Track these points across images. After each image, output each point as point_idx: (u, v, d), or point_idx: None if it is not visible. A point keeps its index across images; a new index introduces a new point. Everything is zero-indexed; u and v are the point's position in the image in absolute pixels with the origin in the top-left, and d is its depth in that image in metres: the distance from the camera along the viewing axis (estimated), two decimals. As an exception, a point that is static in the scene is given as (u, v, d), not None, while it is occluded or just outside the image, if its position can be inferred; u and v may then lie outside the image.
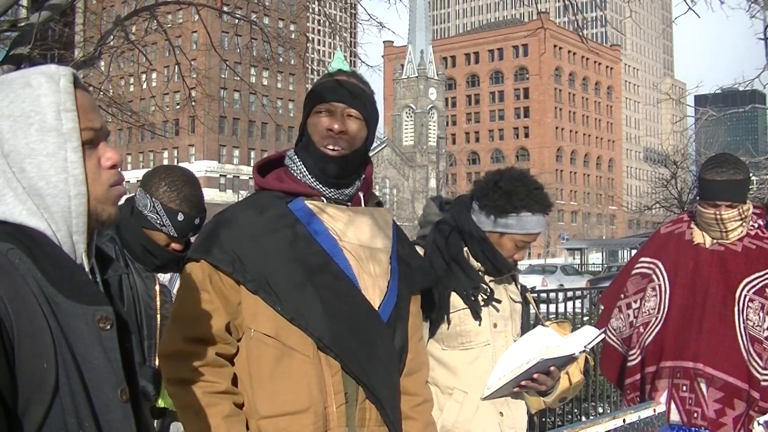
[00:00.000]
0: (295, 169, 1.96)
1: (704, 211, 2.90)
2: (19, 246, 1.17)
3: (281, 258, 1.84)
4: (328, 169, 1.91)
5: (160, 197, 2.55)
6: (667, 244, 3.09)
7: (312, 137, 1.93)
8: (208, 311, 1.83)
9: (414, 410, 2.01)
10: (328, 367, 1.82)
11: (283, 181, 1.96)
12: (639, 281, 3.11)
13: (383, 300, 1.91)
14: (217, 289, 1.84)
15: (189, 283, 1.87)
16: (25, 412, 1.10)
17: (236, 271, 1.82)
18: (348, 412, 1.84)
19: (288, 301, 1.81)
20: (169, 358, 1.87)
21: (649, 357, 2.99)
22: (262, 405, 1.81)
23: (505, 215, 2.40)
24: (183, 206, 2.55)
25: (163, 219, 2.55)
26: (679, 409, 2.90)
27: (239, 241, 1.84)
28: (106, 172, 1.28)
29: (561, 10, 10.16)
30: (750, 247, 2.92)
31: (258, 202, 1.94)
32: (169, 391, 1.87)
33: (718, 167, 2.84)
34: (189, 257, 1.91)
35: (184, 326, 1.84)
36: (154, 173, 2.64)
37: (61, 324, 1.14)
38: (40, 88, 1.23)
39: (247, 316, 1.84)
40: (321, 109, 1.92)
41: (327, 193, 1.93)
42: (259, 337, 1.83)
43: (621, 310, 3.15)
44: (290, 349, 1.81)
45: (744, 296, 2.86)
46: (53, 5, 7.96)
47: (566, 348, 2.36)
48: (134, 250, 2.61)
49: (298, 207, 1.90)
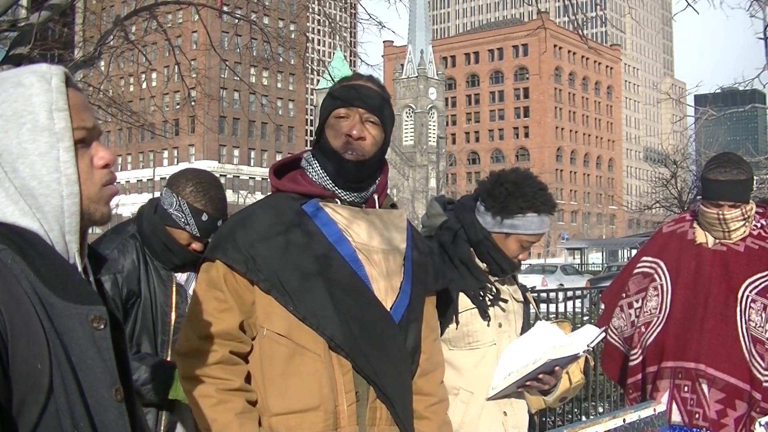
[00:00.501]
0: (312, 171, 1.98)
1: (707, 211, 2.88)
2: (12, 246, 1.16)
3: (294, 258, 1.86)
4: (346, 172, 1.93)
5: (187, 197, 2.63)
6: (669, 243, 3.07)
7: (330, 141, 1.95)
8: (222, 310, 1.86)
9: (428, 410, 2.03)
10: (339, 366, 1.85)
11: (298, 183, 1.98)
12: (641, 280, 3.09)
13: (395, 301, 1.93)
14: (232, 288, 1.87)
15: (205, 283, 1.91)
16: (20, 413, 1.09)
17: (250, 270, 1.85)
18: (359, 411, 1.86)
19: (300, 301, 1.84)
20: (184, 356, 1.91)
21: (650, 357, 2.98)
22: (273, 402, 1.84)
23: (511, 216, 2.41)
24: (208, 207, 2.62)
25: (188, 218, 2.62)
26: (681, 409, 2.89)
27: (253, 241, 1.87)
28: (98, 171, 1.27)
29: (561, 9, 10.17)
30: (753, 247, 2.91)
31: (273, 203, 1.97)
32: (184, 387, 1.90)
33: (721, 167, 2.82)
34: (205, 257, 1.95)
35: (199, 324, 1.87)
36: (182, 174, 2.72)
37: (54, 324, 1.14)
38: (32, 87, 1.23)
39: (260, 315, 1.87)
40: (341, 113, 1.94)
41: (342, 195, 1.96)
42: (271, 336, 1.85)
43: (622, 309, 3.14)
44: (302, 348, 1.84)
45: (746, 297, 2.85)
46: (53, 5, 7.97)
47: (571, 348, 2.37)
48: (155, 248, 2.69)
49: (312, 208, 1.93)
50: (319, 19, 18.26)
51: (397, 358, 1.92)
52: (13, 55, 7.85)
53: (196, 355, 1.86)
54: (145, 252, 2.71)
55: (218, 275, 1.88)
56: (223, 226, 2.06)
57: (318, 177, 1.96)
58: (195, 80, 14.71)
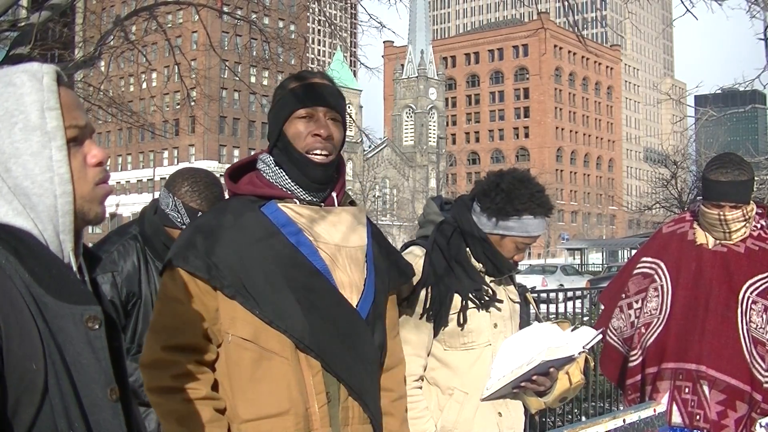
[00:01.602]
0: (270, 173, 1.96)
1: (708, 212, 2.87)
2: (6, 246, 1.16)
3: (258, 262, 1.84)
4: (314, 175, 1.92)
5: (182, 196, 2.64)
6: (669, 244, 3.06)
7: (294, 142, 1.92)
8: (186, 319, 1.84)
9: (392, 405, 2.03)
10: (308, 368, 1.83)
11: (255, 185, 1.96)
12: (640, 281, 3.08)
13: (361, 298, 1.92)
14: (195, 296, 1.84)
15: (166, 292, 1.89)
16: (15, 414, 1.09)
17: (213, 277, 1.82)
18: (331, 412, 1.85)
19: (266, 305, 1.82)
20: (149, 368, 1.87)
21: (650, 358, 2.96)
22: (242, 409, 1.82)
23: (507, 217, 2.40)
24: (204, 206, 2.62)
25: (184, 218, 2.63)
26: (681, 411, 2.88)
27: (215, 247, 1.85)
28: (92, 169, 1.27)
29: (561, 10, 10.17)
30: (753, 248, 2.90)
31: (231, 207, 1.94)
32: (151, 399, 1.86)
33: (722, 168, 2.81)
34: (165, 266, 1.91)
35: (162, 335, 1.85)
36: (179, 174, 2.73)
37: (49, 324, 1.14)
38: (23, 86, 1.22)
39: (224, 320, 1.85)
40: (302, 113, 1.92)
41: (301, 194, 1.94)
42: (237, 341, 1.83)
43: (622, 309, 3.12)
44: (269, 352, 1.82)
45: (747, 298, 2.83)
46: (53, 5, 7.97)
47: (566, 349, 2.36)
48: (156, 248, 2.71)
49: (272, 210, 1.91)
50: (319, 20, 18.23)
51: (367, 355, 1.92)
52: (13, 55, 7.85)
53: (160, 366, 1.83)
54: (146, 252, 2.72)
55: (180, 284, 1.84)
56: (182, 233, 2.01)
57: (276, 178, 1.95)
58: (194, 80, 14.70)
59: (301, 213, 1.92)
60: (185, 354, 1.83)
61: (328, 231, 1.92)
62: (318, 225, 1.92)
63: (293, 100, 1.93)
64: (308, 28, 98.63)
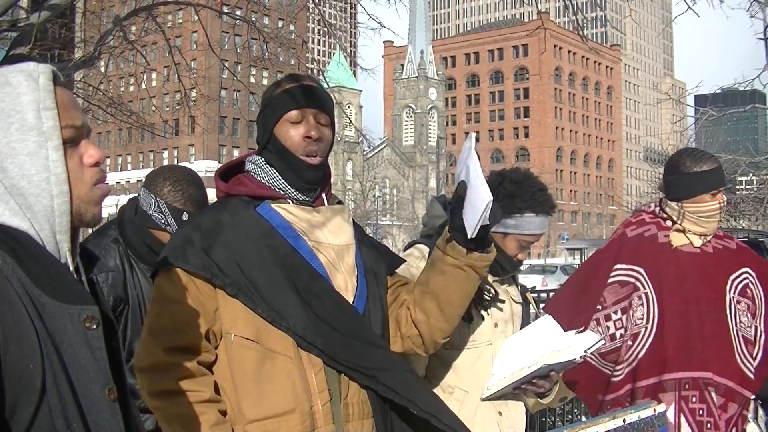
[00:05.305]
0: (262, 174, 1.98)
1: (704, 205, 2.78)
2: (3, 246, 1.15)
3: (257, 261, 1.85)
4: (308, 176, 1.95)
5: (165, 197, 2.56)
6: (640, 248, 2.89)
7: (285, 144, 1.94)
8: (185, 320, 1.82)
9: None
10: (310, 366, 1.84)
11: (247, 186, 1.98)
12: (618, 290, 2.87)
13: (356, 294, 1.95)
14: (194, 297, 1.84)
15: (162, 293, 1.87)
16: (13, 414, 1.09)
17: (214, 276, 1.82)
18: (333, 409, 1.85)
19: (267, 303, 1.82)
20: (148, 371, 1.83)
21: (645, 370, 2.79)
22: (248, 409, 1.81)
23: (509, 216, 2.40)
24: (188, 206, 2.56)
25: (168, 219, 2.56)
26: (690, 421, 2.75)
27: (214, 246, 1.85)
28: (88, 170, 1.27)
29: (561, 10, 10.11)
30: (718, 247, 2.86)
31: (227, 207, 1.95)
32: (152, 404, 1.83)
33: (700, 160, 2.78)
34: (161, 266, 1.89)
35: (162, 337, 1.83)
36: (158, 173, 2.64)
37: (46, 325, 1.13)
38: (20, 86, 1.22)
39: (226, 321, 1.84)
40: (293, 116, 1.94)
41: (294, 195, 1.96)
42: (240, 341, 1.83)
43: (599, 322, 2.87)
44: (271, 351, 1.82)
45: (732, 299, 2.80)
46: (53, 5, 7.97)
47: (568, 353, 2.35)
48: (139, 251, 2.61)
49: (266, 210, 1.93)
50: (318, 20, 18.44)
51: (372, 338, 1.93)
52: (13, 56, 7.85)
53: (162, 369, 1.80)
54: (129, 255, 2.62)
55: (179, 284, 1.83)
56: (177, 232, 2.01)
57: (269, 179, 1.96)
58: (194, 80, 14.72)
59: (295, 213, 1.94)
60: (186, 356, 1.81)
61: (320, 230, 1.95)
62: (312, 225, 1.95)
63: (283, 102, 1.96)
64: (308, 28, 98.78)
